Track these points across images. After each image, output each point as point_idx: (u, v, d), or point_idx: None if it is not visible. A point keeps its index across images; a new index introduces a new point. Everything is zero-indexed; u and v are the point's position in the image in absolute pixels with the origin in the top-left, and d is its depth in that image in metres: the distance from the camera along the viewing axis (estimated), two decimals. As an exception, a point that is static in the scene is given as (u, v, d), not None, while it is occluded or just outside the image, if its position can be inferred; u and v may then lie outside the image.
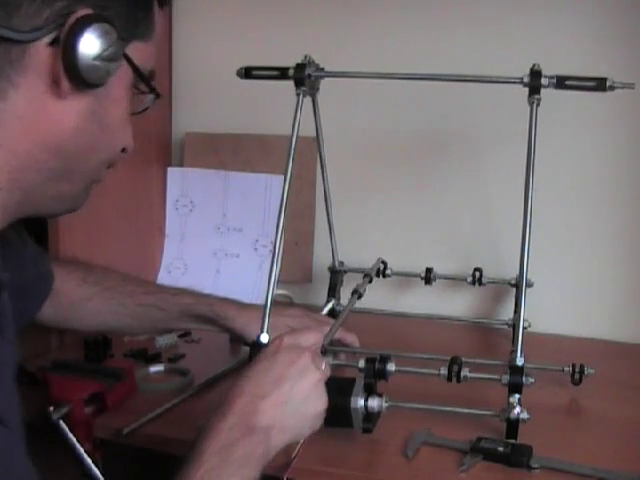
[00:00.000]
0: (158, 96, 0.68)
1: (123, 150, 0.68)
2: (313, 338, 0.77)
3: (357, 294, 1.10)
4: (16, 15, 0.55)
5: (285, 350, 0.74)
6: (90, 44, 0.57)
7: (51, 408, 0.84)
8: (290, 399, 0.70)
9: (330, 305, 1.10)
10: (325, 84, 1.07)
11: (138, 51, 0.63)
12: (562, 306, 1.27)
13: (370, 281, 1.16)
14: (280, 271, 0.98)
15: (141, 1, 0.63)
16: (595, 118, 1.21)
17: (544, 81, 0.93)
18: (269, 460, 0.69)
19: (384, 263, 1.25)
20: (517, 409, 0.83)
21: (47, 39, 0.57)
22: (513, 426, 0.83)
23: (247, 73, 1.06)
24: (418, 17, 1.29)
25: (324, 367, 0.74)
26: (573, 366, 0.99)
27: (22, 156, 0.59)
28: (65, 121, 0.60)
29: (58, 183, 0.63)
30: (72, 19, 0.56)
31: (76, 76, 0.57)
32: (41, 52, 0.57)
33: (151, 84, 0.66)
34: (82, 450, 0.84)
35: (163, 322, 1.03)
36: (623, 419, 0.94)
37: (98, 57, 0.57)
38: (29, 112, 0.58)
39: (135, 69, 0.63)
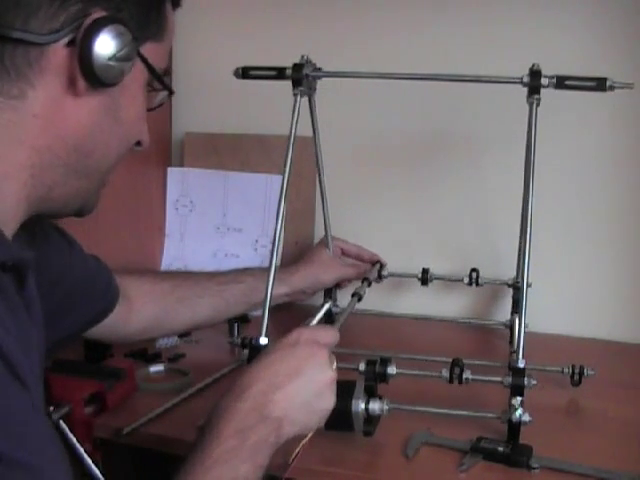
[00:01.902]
0: (172, 93, 0.70)
1: (138, 144, 0.70)
2: (330, 337, 0.77)
3: (357, 296, 1.10)
4: (34, 18, 0.57)
5: (304, 344, 0.74)
6: (105, 45, 0.58)
7: (51, 408, 0.84)
8: (304, 393, 0.71)
9: (327, 306, 1.10)
10: (325, 84, 1.06)
11: (152, 51, 0.64)
12: (561, 306, 1.27)
13: (369, 285, 1.16)
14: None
15: (154, 2, 0.64)
16: (595, 118, 1.21)
17: (544, 81, 0.93)
18: (276, 449, 0.69)
19: (381, 264, 1.25)
20: (519, 411, 0.82)
21: (64, 41, 0.58)
22: (515, 428, 0.83)
23: (244, 73, 1.06)
24: (416, 17, 1.29)
25: (335, 367, 0.75)
26: (572, 367, 0.99)
27: (44, 153, 0.61)
28: (82, 118, 0.62)
29: (77, 180, 0.64)
30: (88, 21, 0.58)
31: (92, 76, 0.59)
32: (58, 53, 0.58)
33: (164, 82, 0.68)
34: (82, 450, 0.84)
35: (245, 296, 1.07)
36: (623, 419, 0.95)
37: (113, 57, 0.59)
38: (47, 110, 0.60)
39: (149, 68, 0.65)
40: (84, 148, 0.63)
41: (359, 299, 1.10)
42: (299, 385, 0.71)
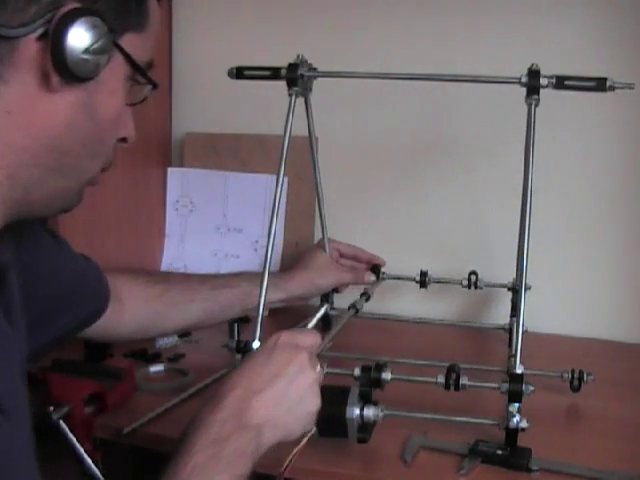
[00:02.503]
0: (155, 87, 0.67)
1: (124, 140, 0.67)
2: (311, 339, 0.76)
3: (354, 309, 1.08)
4: (3, 11, 0.55)
5: (282, 347, 0.73)
6: (78, 38, 0.56)
7: (51, 408, 0.84)
8: (285, 397, 0.70)
9: (323, 310, 1.10)
10: (324, 85, 1.06)
11: (132, 43, 0.62)
12: (561, 306, 1.27)
13: (367, 300, 1.14)
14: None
15: None
16: (594, 119, 1.21)
17: (543, 81, 0.92)
18: (259, 457, 0.68)
19: (377, 268, 1.24)
20: (516, 418, 0.81)
21: (35, 34, 0.56)
22: (512, 435, 0.82)
23: (238, 73, 1.04)
24: (413, 16, 1.28)
25: (319, 369, 0.74)
26: (572, 372, 0.98)
27: (19, 152, 0.59)
28: (58, 115, 0.59)
29: (56, 179, 0.62)
30: (60, 13, 0.56)
31: (65, 70, 0.57)
32: (30, 47, 0.56)
33: (147, 75, 0.65)
34: (82, 450, 0.84)
35: (239, 300, 1.06)
36: (623, 419, 0.95)
37: (87, 51, 0.57)
38: (21, 107, 0.58)
39: (129, 60, 0.62)
40: (61, 146, 0.61)
41: (356, 312, 1.09)
42: (279, 389, 0.69)
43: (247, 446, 0.66)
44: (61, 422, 0.84)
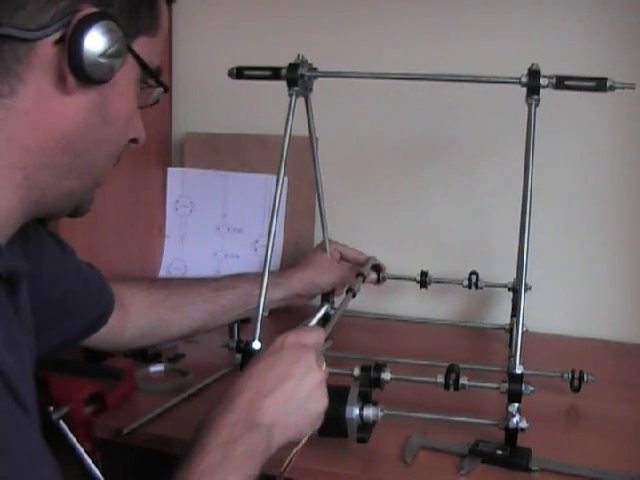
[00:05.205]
0: (166, 90, 0.68)
1: (134, 141, 0.68)
2: (315, 336, 0.77)
3: (352, 292, 1.09)
4: (22, 14, 0.56)
5: (289, 348, 0.74)
6: (95, 42, 0.57)
7: (51, 408, 0.84)
8: (294, 397, 0.70)
9: (324, 309, 1.09)
10: (324, 85, 1.06)
11: (144, 46, 0.63)
12: (561, 306, 1.27)
13: (364, 280, 1.13)
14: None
15: None
16: (594, 119, 1.21)
17: (543, 81, 0.92)
18: (269, 457, 0.69)
19: (378, 267, 1.24)
20: (516, 418, 0.81)
21: (53, 37, 0.57)
22: (512, 435, 0.82)
23: (239, 73, 1.05)
24: (414, 16, 1.29)
25: (324, 368, 0.74)
26: (572, 373, 0.98)
27: (35, 152, 0.60)
28: (72, 116, 0.60)
29: (69, 180, 0.63)
30: (77, 17, 0.57)
31: (81, 73, 0.58)
32: (47, 50, 0.57)
33: (158, 78, 0.66)
34: (82, 450, 0.84)
35: (241, 301, 1.06)
36: (623, 419, 0.95)
37: (103, 54, 0.58)
38: (37, 108, 0.59)
39: (141, 64, 0.63)
40: (75, 147, 0.62)
41: (353, 295, 1.08)
42: (288, 390, 0.70)
43: (257, 446, 0.67)
44: (61, 422, 0.84)
